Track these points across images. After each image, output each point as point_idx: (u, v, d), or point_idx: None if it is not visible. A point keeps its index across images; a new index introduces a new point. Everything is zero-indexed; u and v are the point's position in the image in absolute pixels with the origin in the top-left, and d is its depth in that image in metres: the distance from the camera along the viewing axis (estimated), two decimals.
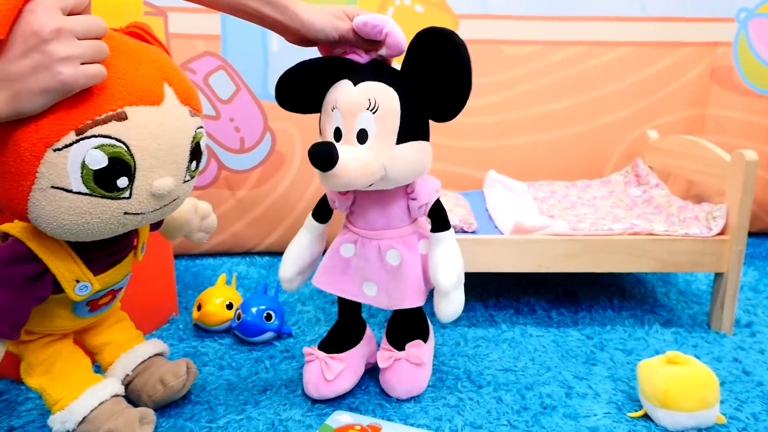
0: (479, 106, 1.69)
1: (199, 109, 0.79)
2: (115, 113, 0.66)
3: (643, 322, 1.28)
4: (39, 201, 0.67)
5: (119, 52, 0.69)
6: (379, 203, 0.94)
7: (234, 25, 1.58)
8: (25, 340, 0.84)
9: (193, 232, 1.05)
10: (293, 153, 1.68)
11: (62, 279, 0.77)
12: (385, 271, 0.96)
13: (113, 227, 0.72)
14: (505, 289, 1.46)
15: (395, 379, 0.99)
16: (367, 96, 0.84)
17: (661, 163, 1.57)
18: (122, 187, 0.69)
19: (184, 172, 0.77)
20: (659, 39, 1.70)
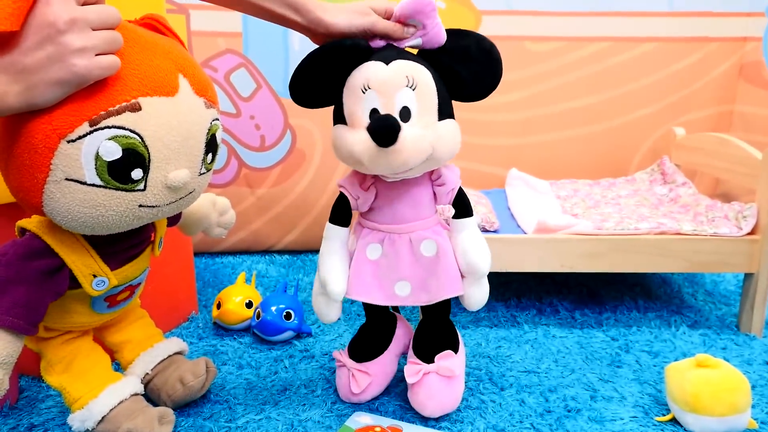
0: (502, 103, 1.67)
1: (214, 100, 0.78)
2: (129, 104, 0.65)
3: (669, 324, 1.25)
4: (53, 193, 0.66)
5: (133, 43, 0.69)
6: (406, 194, 0.89)
7: (256, 24, 1.58)
8: (45, 337, 0.84)
9: (211, 227, 1.05)
10: (313, 151, 1.67)
11: (79, 274, 0.76)
12: (419, 265, 0.91)
13: (128, 220, 0.71)
14: (527, 289, 1.43)
15: (425, 395, 0.92)
16: (404, 73, 0.81)
17: (688, 161, 1.53)
18: (137, 179, 0.68)
19: (199, 164, 0.76)
20: (686, 34, 1.67)
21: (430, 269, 0.91)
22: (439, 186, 0.90)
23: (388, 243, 0.91)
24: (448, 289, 0.91)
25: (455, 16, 1.60)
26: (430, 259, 0.91)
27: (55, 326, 0.83)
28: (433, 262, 0.90)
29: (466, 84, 0.86)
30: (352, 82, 0.83)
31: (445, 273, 0.90)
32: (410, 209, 0.90)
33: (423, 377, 0.93)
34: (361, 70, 0.83)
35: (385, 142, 0.77)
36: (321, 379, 1.05)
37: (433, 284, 0.91)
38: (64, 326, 0.84)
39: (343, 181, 0.91)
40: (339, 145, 0.85)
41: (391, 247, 0.91)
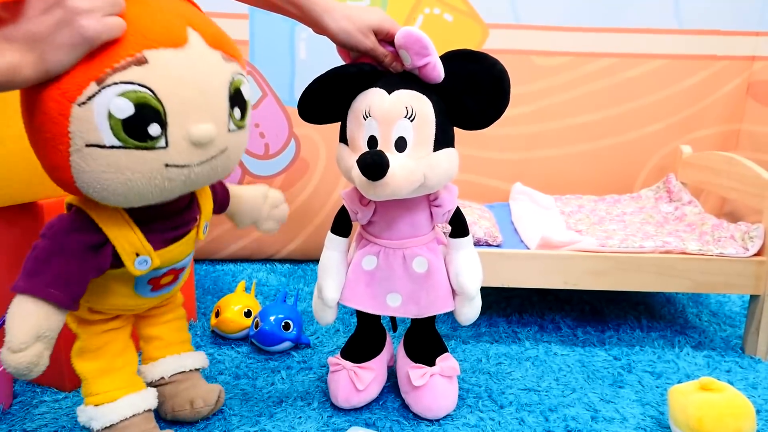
0: (507, 117, 1.64)
1: (235, 55, 0.75)
2: (134, 58, 0.64)
3: (673, 344, 1.23)
4: (79, 164, 0.65)
5: (135, 1, 0.67)
6: (405, 211, 0.92)
7: (262, 31, 1.58)
8: (88, 319, 0.83)
9: (262, 220, 1.03)
10: (317, 160, 1.66)
11: (122, 251, 0.75)
12: (410, 280, 0.94)
13: (158, 182, 0.68)
14: (529, 305, 1.42)
15: (431, 397, 0.95)
16: (404, 104, 0.83)
17: (695, 180, 1.52)
18: (155, 136, 0.66)
19: (225, 119, 0.72)
20: (695, 52, 1.66)
21: (420, 285, 0.94)
22: (436, 207, 0.93)
23: (383, 256, 0.94)
24: (438, 305, 0.95)
25: (462, 30, 1.60)
26: (421, 275, 0.94)
27: (99, 308, 0.82)
28: (424, 279, 0.94)
29: (470, 114, 0.87)
30: (356, 106, 0.86)
31: (434, 290, 0.94)
32: (407, 227, 0.93)
33: (429, 379, 0.96)
34: (366, 96, 0.85)
35: (372, 177, 0.80)
36: (318, 391, 1.04)
37: (423, 299, 0.95)
38: (108, 308, 0.83)
39: (345, 194, 0.94)
40: (340, 164, 0.90)
41: (386, 261, 0.94)
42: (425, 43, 0.81)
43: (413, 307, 0.95)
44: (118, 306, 0.83)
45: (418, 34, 0.80)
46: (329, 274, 0.95)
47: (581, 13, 1.63)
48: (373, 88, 0.85)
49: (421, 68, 0.83)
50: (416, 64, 0.83)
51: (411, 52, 0.82)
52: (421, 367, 0.97)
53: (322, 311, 0.96)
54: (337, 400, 0.97)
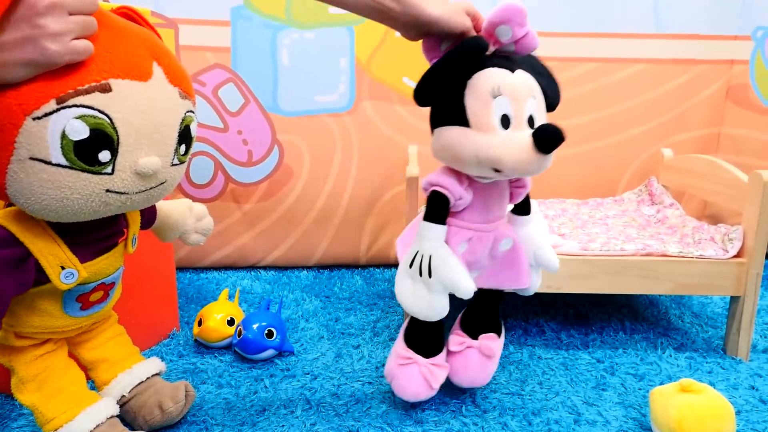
0: None
1: (190, 92, 0.77)
2: (99, 84, 0.65)
3: (656, 346, 1.24)
4: (17, 173, 0.65)
5: (108, 27, 0.68)
6: (497, 193, 0.93)
7: (244, 38, 1.58)
8: (17, 346, 0.80)
9: (188, 233, 1.03)
10: (301, 166, 1.66)
11: (46, 264, 0.73)
12: (493, 259, 0.96)
13: (95, 206, 0.69)
14: (513, 309, 1.42)
15: (462, 365, 1.00)
16: (528, 83, 0.84)
17: (676, 183, 1.53)
18: (104, 162, 0.67)
19: (171, 154, 0.74)
20: (674, 56, 1.67)
21: (502, 261, 0.97)
22: (518, 188, 0.96)
23: (475, 240, 0.93)
24: (519, 281, 0.98)
25: None
26: (504, 253, 0.96)
27: (26, 331, 0.80)
28: (507, 256, 0.96)
29: (546, 96, 0.88)
30: (479, 85, 0.82)
31: (516, 266, 0.97)
32: (499, 209, 0.94)
33: (465, 349, 1.01)
34: (489, 75, 0.82)
35: (549, 149, 0.78)
36: (301, 399, 1.03)
37: (504, 275, 0.97)
38: (36, 331, 0.80)
39: (439, 181, 0.89)
40: (458, 145, 0.84)
41: (476, 245, 0.93)
42: (525, 12, 0.82)
43: (490, 280, 0.98)
44: (47, 327, 0.80)
45: (519, 4, 0.81)
46: (456, 265, 0.88)
47: (562, 18, 1.65)
48: (492, 68, 0.83)
49: (520, 40, 0.83)
50: (518, 35, 0.82)
51: (514, 24, 0.81)
52: (462, 336, 1.01)
53: (438, 303, 0.89)
54: (405, 393, 0.96)
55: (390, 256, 1.75)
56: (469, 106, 0.83)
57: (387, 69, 1.62)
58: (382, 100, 1.64)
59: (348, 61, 1.62)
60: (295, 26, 1.58)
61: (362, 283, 1.62)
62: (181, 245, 1.66)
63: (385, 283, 1.62)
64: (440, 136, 0.87)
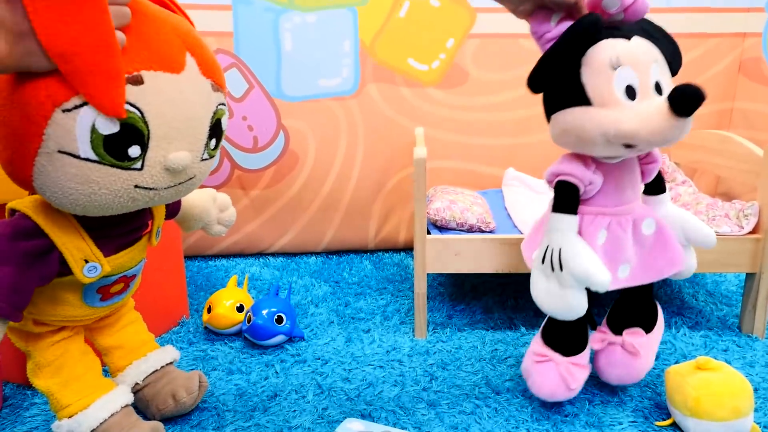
0: (497, 102, 1.65)
1: (222, 84, 0.75)
2: (131, 76, 0.63)
3: (670, 325, 1.22)
4: (44, 166, 0.63)
5: (142, 15, 0.66)
6: (628, 173, 0.88)
7: (246, 23, 1.56)
8: (34, 332, 0.80)
9: (211, 224, 1.02)
10: (306, 152, 1.65)
11: (70, 257, 0.72)
12: (640, 246, 0.90)
13: (122, 201, 0.68)
14: (524, 290, 1.41)
15: (605, 363, 0.96)
16: (647, 48, 0.80)
17: (689, 159, 1.51)
18: (134, 157, 0.65)
19: (202, 148, 0.72)
20: (685, 30, 1.64)
21: (650, 247, 0.91)
22: (648, 164, 0.90)
23: (614, 226, 0.88)
24: (674, 264, 0.91)
25: (450, 15, 1.57)
26: (649, 237, 0.90)
27: (45, 319, 0.79)
28: (654, 240, 0.90)
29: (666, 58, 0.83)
30: (596, 60, 0.79)
31: (667, 250, 0.91)
32: (631, 190, 0.89)
33: (607, 346, 0.96)
34: (604, 47, 0.79)
35: (690, 111, 0.73)
36: (312, 384, 1.03)
37: (657, 262, 0.91)
38: (55, 319, 0.80)
39: (564, 170, 0.86)
40: (581, 127, 0.80)
41: (616, 230, 0.88)
42: None
43: (644, 274, 0.91)
44: (65, 316, 0.80)
45: None
46: (592, 256, 0.82)
47: None
48: (607, 39, 0.79)
49: (629, 7, 0.79)
50: (627, 3, 0.79)
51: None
52: (605, 333, 0.97)
53: (573, 300, 0.83)
54: (540, 392, 0.92)
55: (398, 240, 1.74)
56: (588, 83, 0.79)
57: (392, 51, 1.60)
58: (387, 83, 1.62)
59: (351, 44, 1.59)
60: (297, 9, 1.56)
61: (371, 267, 1.61)
62: (190, 233, 1.65)
63: (394, 267, 1.61)
64: (559, 120, 0.83)
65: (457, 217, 1.24)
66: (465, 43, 1.59)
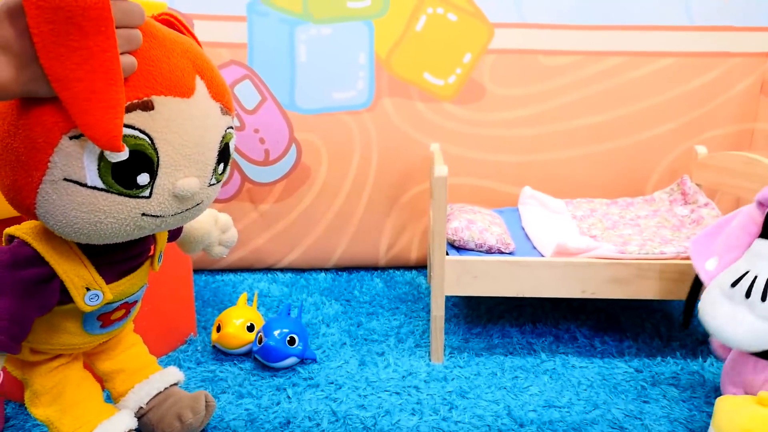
0: (514, 119, 1.61)
1: (230, 107, 0.72)
2: (141, 102, 0.60)
3: (695, 354, 1.18)
4: (49, 194, 0.60)
5: (152, 38, 0.63)
6: None
7: (261, 34, 1.53)
8: (31, 361, 0.77)
9: (212, 245, 0.98)
10: (319, 166, 1.61)
11: (71, 285, 0.69)
12: None
13: (129, 229, 0.65)
14: (542, 314, 1.36)
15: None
16: None
17: (711, 181, 1.47)
18: (142, 185, 0.62)
19: (210, 173, 0.69)
20: (706, 49, 1.61)
21: None
22: None
23: None
24: None
25: (468, 29, 1.54)
26: None
27: (43, 348, 0.76)
28: None
29: None
30: None
31: None
32: None
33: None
34: None
35: None
36: (326, 411, 0.98)
37: None
38: (53, 348, 0.76)
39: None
40: None
41: None
42: None
43: None
44: (64, 344, 0.77)
45: None
46: None
47: (588, 10, 1.58)
48: None
49: None
50: None
51: None
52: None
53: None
54: None
55: (410, 258, 1.70)
56: None
57: (407, 64, 1.57)
58: (402, 97, 1.58)
59: (367, 57, 1.56)
60: (313, 21, 1.53)
61: (382, 285, 1.57)
62: None
63: (406, 286, 1.57)
64: None
65: (476, 237, 1.20)
66: (482, 58, 1.56)
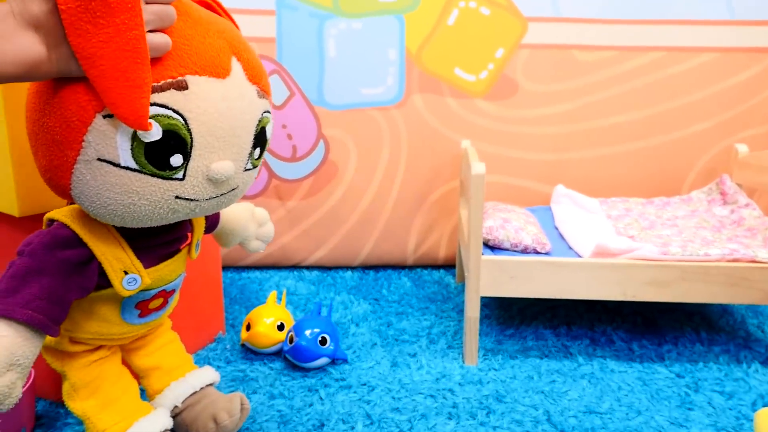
0: (548, 115, 1.58)
1: (267, 90, 0.71)
2: (175, 81, 0.59)
3: (739, 359, 1.14)
4: (83, 175, 0.60)
5: (187, 17, 0.62)
6: None
7: (289, 28, 1.51)
8: (71, 351, 0.76)
9: (249, 239, 0.97)
10: (347, 162, 1.59)
11: (109, 268, 0.69)
12: None
13: (162, 212, 0.64)
14: (577, 316, 1.33)
15: None
16: None
17: (752, 181, 1.42)
18: (176, 166, 0.61)
19: (245, 158, 0.68)
20: (748, 44, 1.56)
21: None
22: None
23: None
24: None
25: (501, 24, 1.51)
26: None
27: (82, 337, 0.75)
28: None
29: None
30: None
31: None
32: None
33: None
34: None
35: None
36: (360, 413, 0.96)
37: None
38: (92, 337, 0.76)
39: None
40: None
41: None
42: None
43: None
44: (102, 334, 0.76)
45: None
46: None
47: (625, 4, 1.54)
48: None
49: None
50: None
51: None
52: None
53: None
54: None
55: (438, 256, 1.67)
56: None
57: (438, 60, 1.54)
58: (432, 93, 1.55)
59: (397, 52, 1.54)
60: (343, 16, 1.51)
61: (411, 285, 1.55)
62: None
63: (435, 285, 1.54)
64: None
65: (511, 236, 1.17)
66: (515, 53, 1.52)
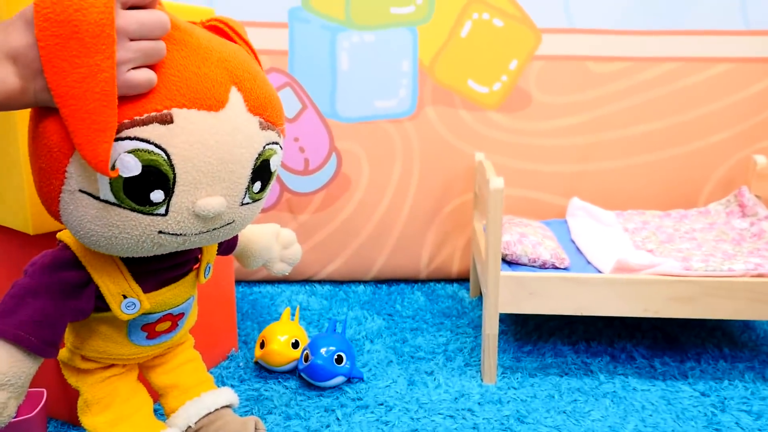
0: (562, 127, 1.56)
1: (274, 121, 0.68)
2: (159, 114, 0.56)
3: (765, 377, 1.11)
4: (68, 204, 0.59)
5: (182, 46, 0.59)
6: None
7: (302, 41, 1.50)
8: (83, 368, 0.75)
9: (274, 261, 0.96)
10: (360, 175, 1.57)
11: (106, 291, 0.67)
12: None
13: (147, 246, 0.62)
14: (596, 332, 1.31)
15: None
16: None
17: None
18: (156, 202, 0.59)
19: (241, 192, 0.65)
20: (763, 54, 1.54)
21: None
22: None
23: None
24: None
25: (514, 35, 1.50)
26: None
27: (93, 356, 0.74)
28: None
29: None
30: None
31: None
32: None
33: None
34: None
35: None
36: None
37: None
38: (102, 356, 0.74)
39: None
40: None
41: None
42: None
43: None
44: (111, 354, 0.75)
45: None
46: None
47: (639, 15, 1.53)
48: None
49: None
50: None
51: None
52: None
53: None
54: None
55: (452, 270, 1.65)
56: None
57: (451, 72, 1.52)
58: (445, 105, 1.54)
59: (410, 64, 1.52)
60: (355, 28, 1.50)
61: (424, 299, 1.53)
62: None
63: (449, 300, 1.52)
64: None
65: (529, 252, 1.15)
66: (529, 65, 1.51)
